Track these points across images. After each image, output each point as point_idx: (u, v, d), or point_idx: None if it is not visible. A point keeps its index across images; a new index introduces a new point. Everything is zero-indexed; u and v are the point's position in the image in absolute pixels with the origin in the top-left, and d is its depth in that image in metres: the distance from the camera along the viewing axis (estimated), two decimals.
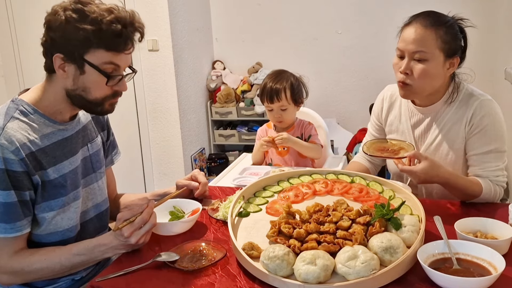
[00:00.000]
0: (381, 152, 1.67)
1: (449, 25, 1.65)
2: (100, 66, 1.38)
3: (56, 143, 1.45)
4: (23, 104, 1.43)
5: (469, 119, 1.69)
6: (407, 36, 1.65)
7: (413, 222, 1.33)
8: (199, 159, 4.29)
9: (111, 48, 1.37)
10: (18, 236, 1.39)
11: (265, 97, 2.32)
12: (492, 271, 1.18)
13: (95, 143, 1.62)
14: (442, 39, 1.62)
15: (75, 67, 1.38)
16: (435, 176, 1.57)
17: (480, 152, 1.69)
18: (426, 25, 1.62)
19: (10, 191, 1.34)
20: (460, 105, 1.72)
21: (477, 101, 1.69)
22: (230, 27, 4.45)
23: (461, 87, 1.75)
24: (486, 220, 1.40)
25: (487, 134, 1.67)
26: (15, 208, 1.36)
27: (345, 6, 4.15)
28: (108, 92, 1.43)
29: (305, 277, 1.17)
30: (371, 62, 4.10)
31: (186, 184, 1.76)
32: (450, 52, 1.65)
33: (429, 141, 1.79)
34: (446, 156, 1.75)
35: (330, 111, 4.30)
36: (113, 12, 1.36)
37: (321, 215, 1.39)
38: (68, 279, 1.54)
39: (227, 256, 1.37)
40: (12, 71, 4.07)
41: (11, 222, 1.36)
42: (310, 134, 2.38)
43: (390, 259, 1.21)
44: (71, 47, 1.35)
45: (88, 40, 1.34)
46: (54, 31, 1.36)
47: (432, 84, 1.69)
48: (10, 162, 1.34)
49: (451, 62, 1.67)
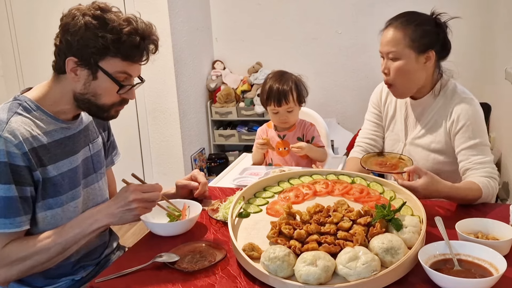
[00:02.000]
0: (380, 166, 1.74)
1: (419, 23, 1.76)
2: (113, 74, 1.40)
3: (58, 141, 1.46)
4: (26, 100, 1.43)
5: (449, 115, 1.80)
6: (382, 39, 1.81)
7: (414, 223, 1.32)
8: (199, 159, 4.29)
9: (128, 58, 1.40)
10: (16, 231, 1.38)
11: (272, 100, 2.26)
12: (493, 272, 1.17)
13: (96, 143, 1.62)
14: (410, 37, 1.74)
15: (88, 72, 1.39)
16: (434, 191, 1.59)
17: (466, 146, 1.76)
18: (396, 26, 1.77)
19: (11, 185, 1.34)
20: (445, 101, 1.83)
21: (457, 99, 1.80)
22: (230, 27, 4.44)
23: (449, 83, 1.85)
24: (487, 220, 1.40)
25: (470, 129, 1.76)
26: (15, 203, 1.35)
27: (345, 6, 4.15)
28: (117, 100, 1.45)
29: (306, 278, 1.16)
30: (371, 62, 4.09)
31: (186, 184, 1.76)
32: (421, 48, 1.75)
33: (417, 131, 1.89)
34: (429, 144, 1.86)
35: (330, 111, 4.30)
36: (132, 23, 1.38)
37: (321, 215, 1.38)
38: (68, 279, 1.54)
39: (227, 257, 1.37)
40: (12, 71, 4.07)
41: (11, 217, 1.36)
42: (313, 136, 2.36)
43: (391, 260, 1.21)
44: (87, 53, 1.36)
45: (106, 48, 1.36)
46: (72, 34, 1.36)
47: (411, 79, 1.79)
48: (13, 155, 1.33)
49: (427, 56, 1.77)
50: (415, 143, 1.89)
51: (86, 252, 1.57)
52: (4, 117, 1.37)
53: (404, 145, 1.93)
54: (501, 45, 3.52)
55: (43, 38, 3.76)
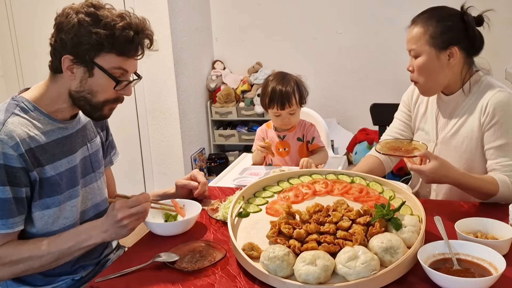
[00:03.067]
0: (394, 151, 1.69)
1: (440, 19, 1.70)
2: (109, 70, 1.40)
3: (55, 141, 1.46)
4: (24, 101, 1.43)
5: (484, 109, 1.70)
6: (407, 36, 1.77)
7: (414, 222, 1.32)
8: (199, 159, 4.29)
9: (122, 53, 1.40)
10: (9, 233, 1.38)
11: (275, 103, 2.24)
12: (493, 272, 1.17)
13: (94, 142, 1.62)
14: (430, 34, 1.70)
15: (84, 70, 1.39)
16: (443, 176, 1.57)
17: (496, 146, 1.68)
18: (417, 23, 1.73)
19: (6, 187, 1.34)
20: (479, 96, 1.74)
21: (493, 92, 1.70)
22: (230, 27, 4.44)
23: (482, 78, 1.76)
24: (486, 220, 1.39)
25: (503, 126, 1.67)
26: (9, 205, 1.36)
27: (345, 6, 4.15)
28: (112, 96, 1.45)
29: (305, 278, 1.16)
30: (371, 62, 4.09)
31: (186, 184, 1.76)
32: (442, 45, 1.70)
33: (448, 129, 1.81)
34: (462, 144, 1.76)
35: (330, 111, 4.30)
36: (125, 18, 1.39)
37: (321, 215, 1.38)
38: (68, 279, 1.54)
39: (227, 256, 1.37)
40: (12, 71, 4.08)
41: (4, 218, 1.36)
42: (313, 136, 2.36)
43: (390, 259, 1.21)
44: (82, 50, 1.37)
45: (101, 44, 1.36)
46: (66, 33, 1.36)
47: (434, 76, 1.73)
48: (8, 157, 1.34)
49: (449, 53, 1.70)
50: (446, 143, 1.80)
51: (85, 252, 1.57)
52: (1, 118, 1.38)
53: (435, 144, 1.84)
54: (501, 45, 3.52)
55: (43, 38, 3.77)
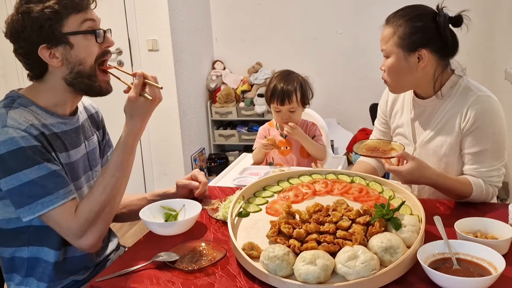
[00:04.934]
0: (371, 152, 1.68)
1: (410, 19, 1.67)
2: (80, 29, 1.39)
3: (57, 134, 1.45)
4: (20, 96, 1.42)
5: (464, 114, 1.67)
6: (380, 35, 1.75)
7: (413, 222, 1.33)
8: (199, 159, 4.29)
9: (79, 9, 1.39)
10: (75, 198, 1.39)
11: (275, 99, 2.29)
12: (492, 271, 1.17)
13: (91, 140, 1.62)
14: (398, 35, 1.67)
15: (63, 46, 1.39)
16: (421, 177, 1.57)
17: (474, 151, 1.66)
18: (389, 23, 1.71)
19: (41, 164, 1.33)
20: (458, 100, 1.70)
21: (473, 97, 1.66)
22: (230, 27, 4.45)
23: (460, 81, 1.72)
24: (486, 220, 1.40)
25: (483, 132, 1.64)
26: (58, 176, 1.36)
27: (345, 6, 4.15)
28: (99, 52, 1.43)
29: (305, 277, 1.17)
30: (371, 62, 4.08)
31: (186, 183, 1.76)
32: (410, 46, 1.66)
33: (426, 133, 1.78)
34: (440, 149, 1.74)
35: (330, 111, 4.30)
36: None
37: (321, 215, 1.39)
38: (68, 279, 1.54)
39: (227, 256, 1.37)
40: (12, 71, 4.07)
41: (61, 188, 1.36)
42: (314, 135, 2.38)
43: (390, 259, 1.21)
44: (47, 31, 1.36)
45: (57, 13, 1.36)
46: (23, 30, 1.36)
47: (403, 78, 1.71)
48: (25, 138, 1.32)
49: (419, 55, 1.66)
50: (425, 147, 1.78)
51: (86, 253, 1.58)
52: (3, 111, 1.37)
53: (414, 149, 1.82)
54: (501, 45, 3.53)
55: None
